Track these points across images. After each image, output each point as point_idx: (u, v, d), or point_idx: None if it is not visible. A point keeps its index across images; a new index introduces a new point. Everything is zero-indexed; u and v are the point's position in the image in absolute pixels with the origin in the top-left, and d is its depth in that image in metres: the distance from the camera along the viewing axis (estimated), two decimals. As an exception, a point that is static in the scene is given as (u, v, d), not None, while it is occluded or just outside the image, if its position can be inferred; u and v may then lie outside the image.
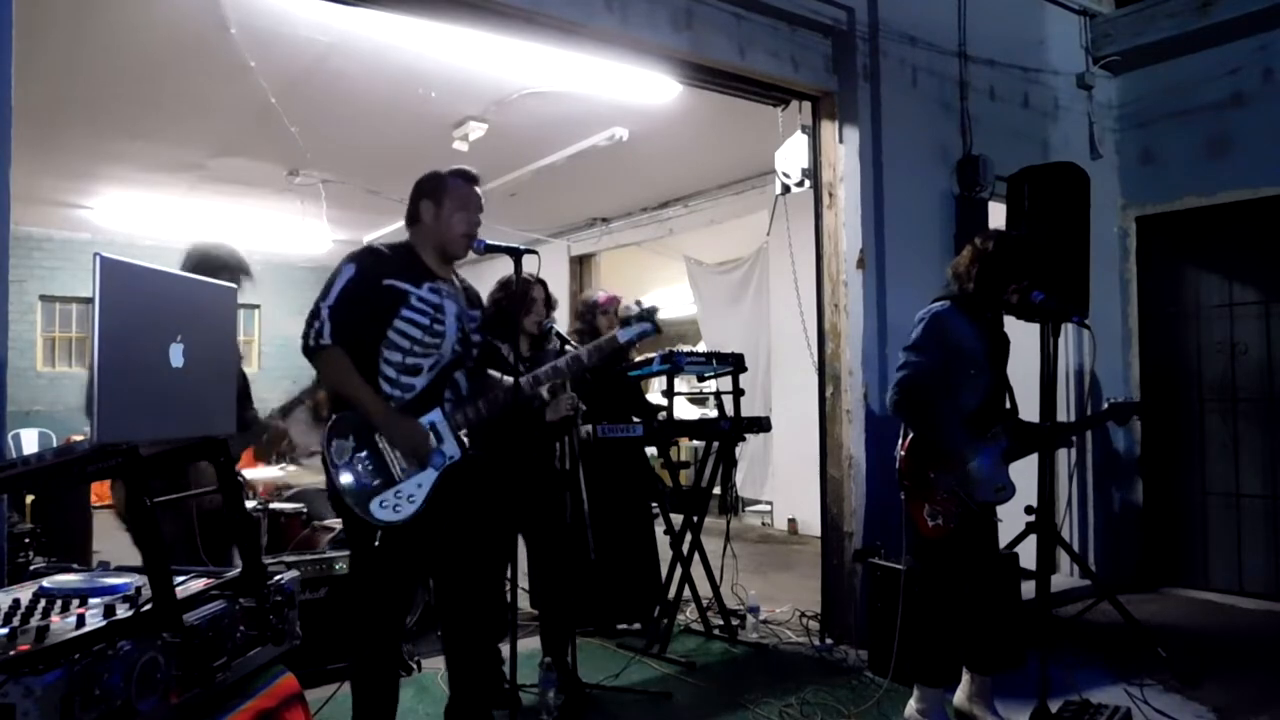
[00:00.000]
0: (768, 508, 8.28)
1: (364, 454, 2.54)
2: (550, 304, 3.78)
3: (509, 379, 2.76)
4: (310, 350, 2.56)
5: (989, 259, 3.11)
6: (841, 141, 4.37)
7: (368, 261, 2.62)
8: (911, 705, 3.18)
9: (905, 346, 3.13)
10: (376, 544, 2.61)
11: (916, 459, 3.12)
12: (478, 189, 2.78)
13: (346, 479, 2.53)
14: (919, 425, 3.09)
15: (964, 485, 3.05)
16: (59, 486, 2.86)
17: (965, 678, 3.26)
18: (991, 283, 3.10)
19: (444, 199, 2.71)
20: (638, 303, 3.11)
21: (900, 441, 3.19)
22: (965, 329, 3.10)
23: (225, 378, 1.91)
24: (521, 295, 3.52)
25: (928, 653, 3.16)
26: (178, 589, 1.65)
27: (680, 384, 4.77)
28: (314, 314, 2.54)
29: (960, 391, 3.10)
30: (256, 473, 5.10)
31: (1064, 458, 5.00)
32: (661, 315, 3.06)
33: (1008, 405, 3.27)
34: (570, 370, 2.88)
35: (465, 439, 2.68)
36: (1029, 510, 3.51)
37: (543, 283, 3.76)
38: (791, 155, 4.53)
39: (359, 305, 2.56)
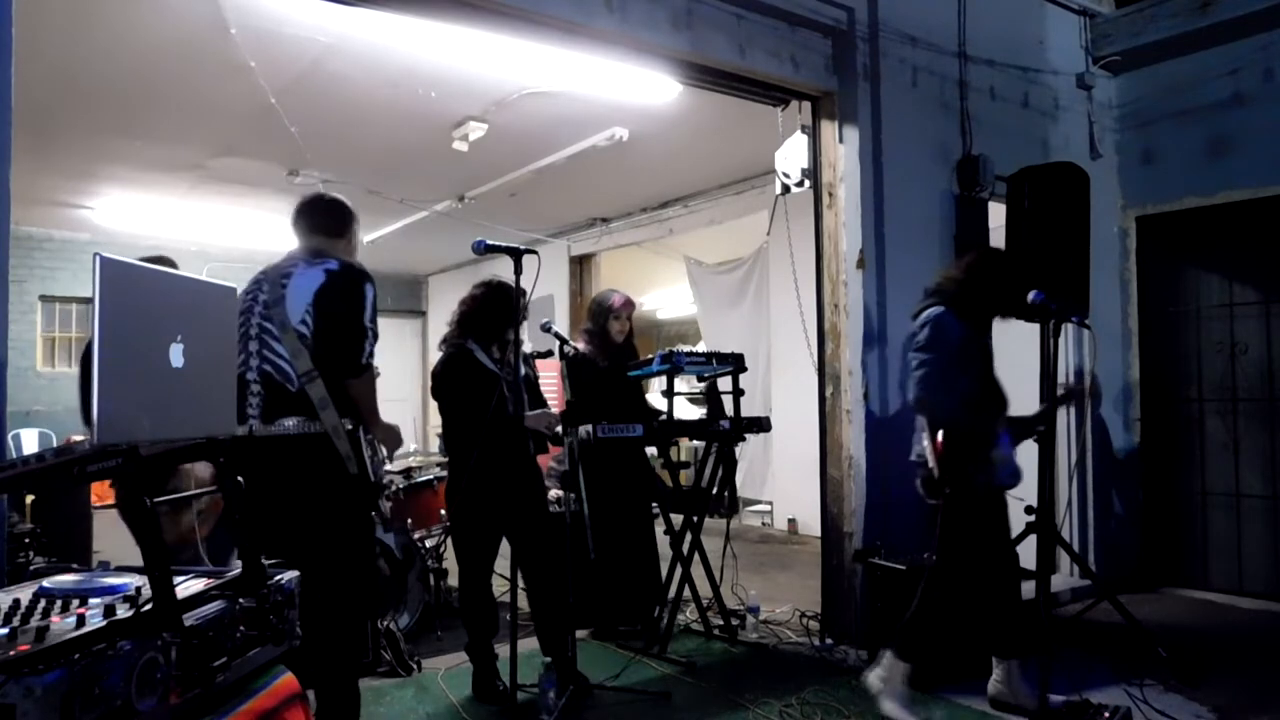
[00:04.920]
0: (768, 508, 8.27)
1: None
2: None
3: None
4: (362, 367, 2.74)
5: (978, 275, 3.24)
6: (841, 141, 4.37)
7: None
8: (877, 673, 3.24)
9: (916, 348, 3.17)
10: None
11: (954, 458, 3.11)
12: None
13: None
14: (950, 416, 3.11)
15: (988, 471, 3.08)
16: (59, 486, 2.86)
17: (997, 669, 3.31)
18: (978, 298, 3.22)
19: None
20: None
21: (926, 445, 3.18)
22: (959, 331, 3.17)
23: (225, 378, 1.92)
24: (515, 301, 3.39)
25: (925, 642, 3.21)
26: (178, 589, 1.65)
27: (680, 384, 4.76)
28: (365, 334, 2.73)
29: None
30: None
31: (1064, 458, 5.00)
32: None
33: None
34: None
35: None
36: (1029, 510, 3.53)
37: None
38: (791, 155, 4.53)
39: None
